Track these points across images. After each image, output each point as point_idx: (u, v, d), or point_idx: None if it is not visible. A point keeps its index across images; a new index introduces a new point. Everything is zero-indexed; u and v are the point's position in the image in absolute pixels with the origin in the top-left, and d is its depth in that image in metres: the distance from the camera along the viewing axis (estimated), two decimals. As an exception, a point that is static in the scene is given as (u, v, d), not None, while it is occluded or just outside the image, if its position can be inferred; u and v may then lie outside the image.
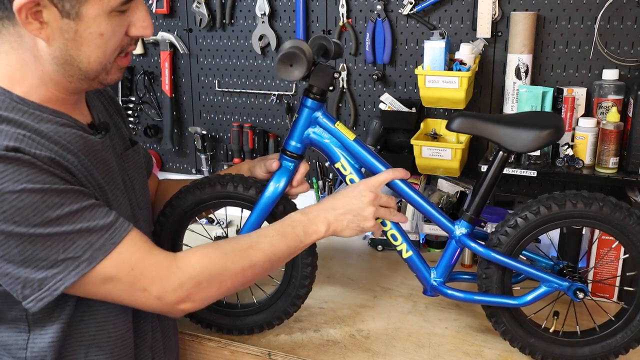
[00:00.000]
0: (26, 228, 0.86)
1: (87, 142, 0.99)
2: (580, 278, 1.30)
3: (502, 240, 1.27)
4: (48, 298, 0.90)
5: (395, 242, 1.33)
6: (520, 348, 1.32)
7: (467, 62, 1.64)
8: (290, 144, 1.31)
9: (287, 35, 1.97)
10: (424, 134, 1.80)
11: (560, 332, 1.32)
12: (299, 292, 1.37)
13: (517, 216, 1.26)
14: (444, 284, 1.35)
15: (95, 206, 0.93)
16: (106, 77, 0.99)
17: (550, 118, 1.35)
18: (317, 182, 2.00)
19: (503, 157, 1.28)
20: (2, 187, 0.84)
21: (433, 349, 1.37)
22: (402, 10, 1.81)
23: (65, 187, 0.90)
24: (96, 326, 1.03)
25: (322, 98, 1.28)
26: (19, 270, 0.88)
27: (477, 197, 1.30)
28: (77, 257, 0.90)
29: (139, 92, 2.20)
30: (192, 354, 1.45)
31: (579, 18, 1.66)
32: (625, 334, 1.30)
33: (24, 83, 0.94)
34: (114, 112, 1.20)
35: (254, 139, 2.08)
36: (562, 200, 1.24)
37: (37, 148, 0.89)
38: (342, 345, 1.39)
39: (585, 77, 1.70)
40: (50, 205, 0.87)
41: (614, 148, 1.55)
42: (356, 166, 1.31)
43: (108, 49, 0.95)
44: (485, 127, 1.26)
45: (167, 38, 2.08)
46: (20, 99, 0.93)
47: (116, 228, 0.94)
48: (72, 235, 0.89)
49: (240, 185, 1.34)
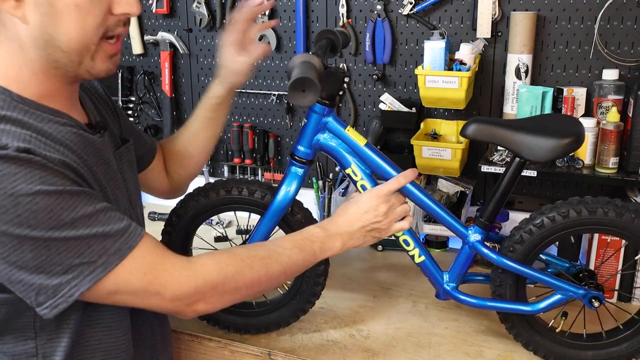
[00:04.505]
0: (41, 232, 0.83)
1: (88, 142, 0.98)
2: (597, 286, 1.27)
3: (515, 248, 1.25)
4: (63, 305, 0.88)
5: (408, 247, 1.31)
6: (525, 344, 1.31)
7: (467, 62, 1.63)
8: (299, 150, 1.28)
9: (287, 36, 1.97)
10: (424, 134, 1.80)
11: (566, 333, 1.31)
12: (314, 289, 1.40)
13: (532, 224, 1.23)
14: (456, 289, 1.33)
15: (108, 209, 0.91)
16: (92, 65, 0.94)
17: (569, 124, 1.28)
18: (317, 182, 2.00)
19: (519, 164, 1.24)
20: (16, 189, 0.81)
21: (433, 349, 1.37)
22: (402, 10, 1.81)
23: (78, 189, 0.88)
24: (103, 330, 1.02)
25: (331, 103, 1.25)
26: (32, 277, 0.86)
27: (492, 203, 1.27)
28: (92, 262, 0.88)
29: (139, 92, 2.20)
30: (192, 354, 1.45)
31: (579, 18, 1.66)
32: (631, 344, 1.28)
33: (18, 79, 0.92)
34: (104, 109, 1.18)
35: (254, 139, 2.08)
36: (579, 206, 1.21)
37: (45, 149, 0.86)
38: (342, 345, 1.39)
39: (585, 77, 1.70)
40: (65, 208, 0.85)
41: (614, 148, 1.55)
42: (367, 171, 1.28)
43: (88, 25, 0.90)
44: (501, 134, 1.21)
45: (167, 38, 2.08)
46: (20, 98, 0.91)
47: (131, 232, 0.92)
48: (87, 240, 0.87)
49: (245, 189, 1.33)
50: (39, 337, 0.97)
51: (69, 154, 0.91)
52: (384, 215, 1.20)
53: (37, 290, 0.87)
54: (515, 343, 1.34)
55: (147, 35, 2.11)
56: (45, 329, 0.96)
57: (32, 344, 0.97)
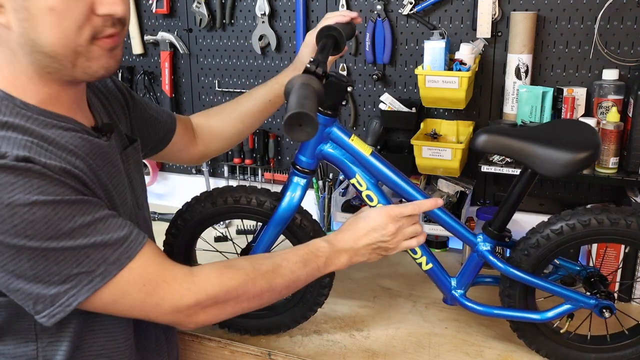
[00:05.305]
0: (38, 242, 0.83)
1: (93, 146, 0.97)
2: (608, 294, 1.24)
3: (530, 252, 1.22)
4: (61, 314, 0.88)
5: (415, 256, 1.30)
6: (528, 343, 1.31)
7: (467, 62, 1.63)
8: (301, 160, 1.26)
9: (287, 36, 1.97)
10: (424, 134, 1.80)
11: (571, 334, 1.30)
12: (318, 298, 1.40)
13: (549, 229, 1.20)
14: (464, 296, 1.33)
15: (108, 217, 0.90)
16: (89, 65, 0.91)
17: (586, 134, 1.21)
18: (317, 182, 2.00)
19: (531, 175, 1.20)
20: (13, 199, 0.81)
21: (433, 349, 1.37)
22: (402, 10, 1.81)
23: (77, 198, 0.87)
24: (105, 336, 1.01)
25: (334, 113, 1.22)
26: (30, 286, 0.85)
27: (501, 213, 1.25)
28: (91, 271, 0.87)
29: (139, 92, 2.19)
30: (192, 354, 1.45)
31: (579, 18, 1.66)
32: (635, 350, 1.27)
33: (17, 84, 0.91)
34: (114, 107, 1.15)
35: (254, 139, 2.07)
36: (588, 217, 1.17)
37: (46, 157, 0.85)
38: (342, 345, 1.39)
39: (585, 77, 1.70)
40: (63, 218, 0.84)
41: (614, 148, 1.55)
42: (372, 181, 1.26)
43: (67, 27, 0.86)
44: (513, 146, 1.16)
45: (167, 38, 2.08)
46: (23, 104, 0.90)
47: (131, 241, 0.91)
48: (85, 250, 0.86)
49: (254, 199, 1.31)
50: (40, 339, 0.97)
51: (73, 160, 0.90)
52: (392, 235, 1.18)
53: (34, 299, 0.87)
54: (515, 343, 1.34)
55: (147, 35, 2.11)
56: (46, 331, 0.96)
57: (33, 347, 0.97)
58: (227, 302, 1.01)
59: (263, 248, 1.31)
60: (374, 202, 1.26)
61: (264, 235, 1.31)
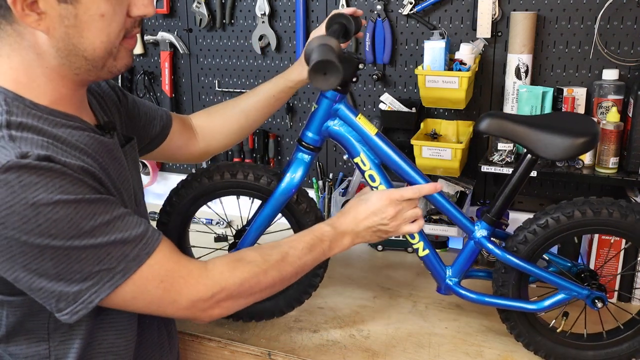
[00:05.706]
0: (61, 241, 0.84)
1: (100, 144, 0.98)
2: (600, 286, 1.27)
3: (519, 248, 1.24)
4: (83, 311, 0.89)
5: (413, 241, 1.31)
6: (526, 344, 1.31)
7: (467, 62, 1.64)
8: (307, 135, 1.27)
9: (287, 36, 1.97)
10: (424, 134, 1.80)
11: (567, 333, 1.31)
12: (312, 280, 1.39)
13: (536, 224, 1.23)
14: (458, 284, 1.33)
15: (125, 215, 0.91)
16: (115, 64, 0.96)
17: (585, 123, 1.26)
18: (317, 182, 2.00)
19: (531, 161, 1.23)
20: (37, 199, 0.81)
21: (433, 349, 1.37)
22: (402, 10, 1.81)
23: (96, 196, 0.88)
24: (115, 334, 1.02)
25: (344, 90, 1.23)
26: (52, 285, 0.86)
27: (500, 199, 1.26)
28: (112, 268, 0.88)
29: (139, 92, 2.19)
30: (192, 354, 1.45)
31: (579, 18, 1.66)
32: (632, 344, 1.28)
33: (31, 86, 0.91)
34: (109, 107, 1.17)
35: (254, 138, 2.08)
36: (584, 206, 1.20)
37: (64, 155, 0.86)
38: (342, 345, 1.39)
39: (585, 77, 1.70)
40: (84, 217, 0.85)
41: (614, 148, 1.55)
42: (376, 161, 1.27)
43: (112, 32, 0.91)
44: (515, 130, 1.20)
45: (167, 38, 2.08)
46: (32, 104, 0.90)
47: (149, 238, 0.93)
48: (106, 247, 0.87)
49: (251, 174, 1.31)
50: (52, 339, 0.97)
51: (85, 159, 0.91)
52: (391, 219, 1.19)
53: (57, 297, 0.87)
54: (515, 343, 1.34)
55: (147, 35, 2.11)
56: (58, 331, 0.97)
57: (45, 346, 0.97)
58: (240, 295, 1.03)
59: (259, 227, 1.31)
60: (376, 182, 1.27)
61: (262, 213, 1.30)
